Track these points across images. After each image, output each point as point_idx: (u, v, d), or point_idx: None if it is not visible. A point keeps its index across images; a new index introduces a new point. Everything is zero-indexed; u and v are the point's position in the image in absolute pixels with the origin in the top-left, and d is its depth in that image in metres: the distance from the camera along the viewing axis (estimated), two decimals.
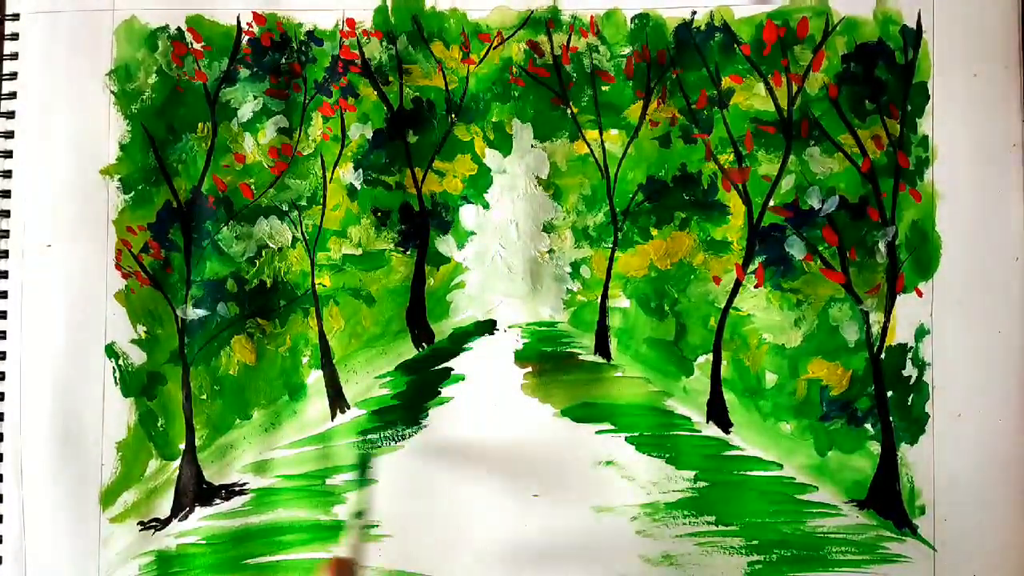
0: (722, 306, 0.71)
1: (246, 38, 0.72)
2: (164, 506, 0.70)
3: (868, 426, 0.70)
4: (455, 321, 0.73)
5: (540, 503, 0.70)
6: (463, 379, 0.72)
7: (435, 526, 0.70)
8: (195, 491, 0.70)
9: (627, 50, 0.72)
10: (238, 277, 0.72)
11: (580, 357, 0.72)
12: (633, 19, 0.72)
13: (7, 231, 0.71)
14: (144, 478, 0.70)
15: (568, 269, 0.72)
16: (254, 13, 0.72)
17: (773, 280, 0.71)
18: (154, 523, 0.70)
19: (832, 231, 0.70)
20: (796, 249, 0.71)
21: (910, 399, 0.69)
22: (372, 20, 0.72)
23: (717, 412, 0.71)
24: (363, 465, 0.70)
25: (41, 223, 0.71)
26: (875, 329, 0.70)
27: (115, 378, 0.70)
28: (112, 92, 0.71)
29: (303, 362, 0.72)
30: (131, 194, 0.71)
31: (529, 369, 0.71)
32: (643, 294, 0.72)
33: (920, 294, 0.69)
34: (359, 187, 0.73)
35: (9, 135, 0.71)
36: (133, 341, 0.71)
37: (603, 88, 0.72)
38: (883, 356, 0.70)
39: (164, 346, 0.71)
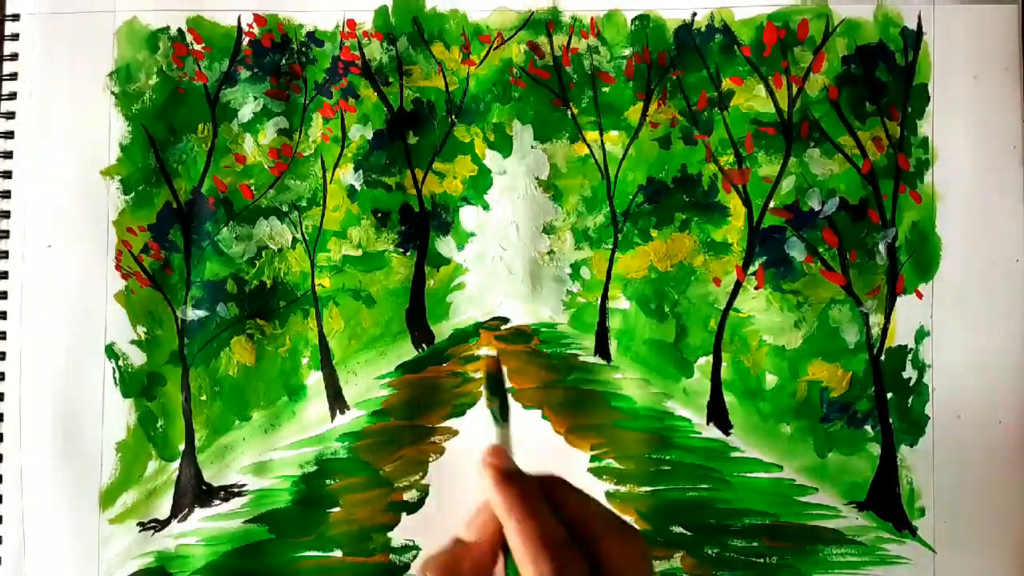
0: (722, 307, 0.71)
1: (247, 39, 0.72)
2: (163, 507, 0.70)
3: (868, 428, 0.69)
4: (455, 322, 0.73)
5: None
6: None
7: (434, 528, 0.70)
8: (194, 492, 0.70)
9: (627, 51, 0.72)
10: (238, 278, 0.72)
11: (581, 358, 0.72)
12: (633, 20, 0.72)
13: (7, 231, 0.71)
14: (143, 479, 0.70)
15: (568, 270, 0.72)
16: (255, 14, 0.72)
17: (773, 282, 0.71)
18: (153, 524, 0.70)
19: (832, 233, 0.70)
20: (796, 251, 0.71)
21: (910, 401, 0.69)
22: (372, 21, 0.72)
23: (717, 414, 0.71)
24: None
25: (41, 223, 0.71)
26: (875, 331, 0.70)
27: (115, 379, 0.70)
28: (113, 93, 0.71)
29: (303, 363, 0.72)
30: (131, 195, 0.71)
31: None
32: (643, 295, 0.72)
33: (920, 296, 0.69)
34: (359, 188, 0.73)
35: (9, 135, 0.71)
36: (133, 342, 0.71)
37: (603, 89, 0.72)
38: (883, 358, 0.70)
39: (164, 347, 0.71)
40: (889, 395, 0.69)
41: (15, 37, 0.71)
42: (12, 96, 0.71)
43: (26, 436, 0.69)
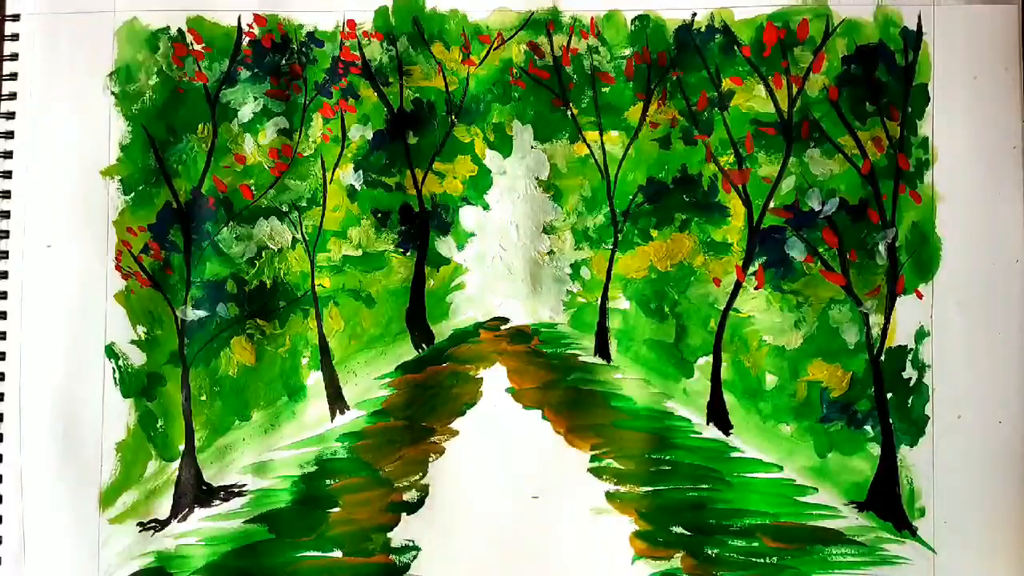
0: (722, 308, 0.71)
1: (247, 39, 0.72)
2: (163, 507, 0.70)
3: (868, 428, 0.69)
4: (455, 322, 0.73)
5: (539, 505, 0.70)
6: None
7: (434, 528, 0.70)
8: (194, 492, 0.70)
9: (627, 51, 0.72)
10: (238, 278, 0.72)
11: (581, 358, 0.72)
12: (633, 21, 0.72)
13: (7, 231, 0.71)
14: (143, 479, 0.70)
15: (568, 270, 0.72)
16: (255, 14, 0.72)
17: (773, 282, 0.71)
18: (153, 524, 0.70)
19: (832, 233, 0.70)
20: (796, 251, 0.71)
21: (910, 401, 0.69)
22: (373, 21, 0.72)
23: (717, 414, 0.71)
24: None
25: (41, 223, 0.71)
26: (875, 331, 0.70)
27: (115, 379, 0.70)
28: (113, 93, 0.71)
29: (303, 363, 0.72)
30: (131, 195, 0.71)
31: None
32: (643, 296, 0.72)
33: (920, 296, 0.69)
34: (359, 188, 0.73)
35: (9, 135, 0.71)
36: (133, 342, 0.71)
37: (603, 89, 0.72)
38: (883, 358, 0.70)
39: (164, 347, 0.71)
40: (889, 395, 0.69)
41: (15, 37, 0.71)
42: (12, 96, 0.71)
43: (26, 436, 0.69)
